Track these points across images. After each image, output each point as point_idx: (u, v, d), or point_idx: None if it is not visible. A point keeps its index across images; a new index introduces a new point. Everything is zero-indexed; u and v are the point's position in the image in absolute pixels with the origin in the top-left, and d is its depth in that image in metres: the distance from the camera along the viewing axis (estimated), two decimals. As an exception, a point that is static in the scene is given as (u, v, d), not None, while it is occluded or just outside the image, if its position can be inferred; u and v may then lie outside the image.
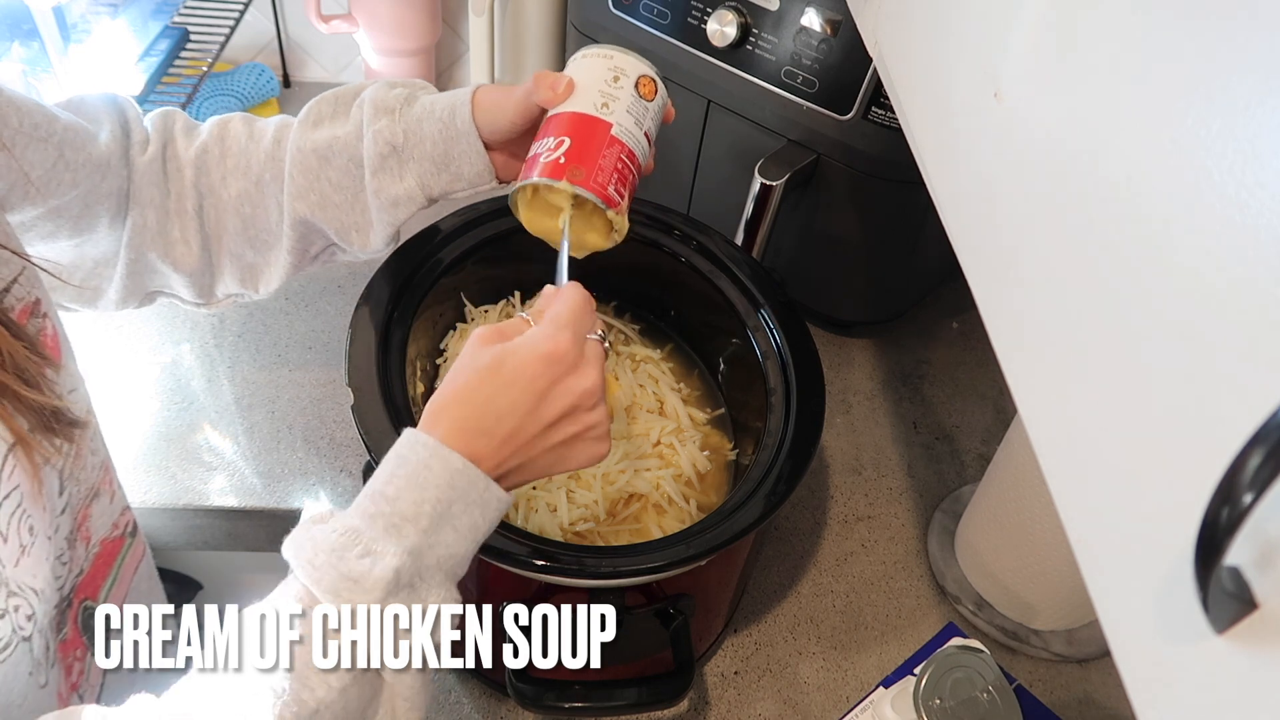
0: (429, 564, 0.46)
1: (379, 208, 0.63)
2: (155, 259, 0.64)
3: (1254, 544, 0.22)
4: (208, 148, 0.64)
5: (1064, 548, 0.68)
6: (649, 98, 0.61)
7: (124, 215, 0.62)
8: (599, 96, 0.59)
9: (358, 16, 1.12)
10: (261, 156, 0.64)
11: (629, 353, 0.81)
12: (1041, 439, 0.33)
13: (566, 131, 0.59)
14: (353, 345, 0.65)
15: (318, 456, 0.86)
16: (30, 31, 0.88)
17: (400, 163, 0.62)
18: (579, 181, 0.57)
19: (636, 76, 0.61)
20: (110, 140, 0.60)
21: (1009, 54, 0.39)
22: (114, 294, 0.64)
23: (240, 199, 0.64)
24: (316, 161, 0.62)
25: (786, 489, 0.62)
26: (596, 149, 0.58)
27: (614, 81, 0.60)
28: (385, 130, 0.61)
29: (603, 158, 0.58)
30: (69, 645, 0.53)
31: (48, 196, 0.56)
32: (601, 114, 0.59)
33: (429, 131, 0.62)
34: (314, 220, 0.64)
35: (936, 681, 0.61)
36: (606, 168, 0.59)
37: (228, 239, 0.65)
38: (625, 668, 0.71)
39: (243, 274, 0.67)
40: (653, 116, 0.62)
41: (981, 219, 0.41)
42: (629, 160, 0.60)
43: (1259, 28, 0.24)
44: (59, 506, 0.52)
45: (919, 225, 0.91)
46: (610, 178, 0.59)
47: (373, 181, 0.62)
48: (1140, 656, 0.27)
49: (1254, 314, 0.23)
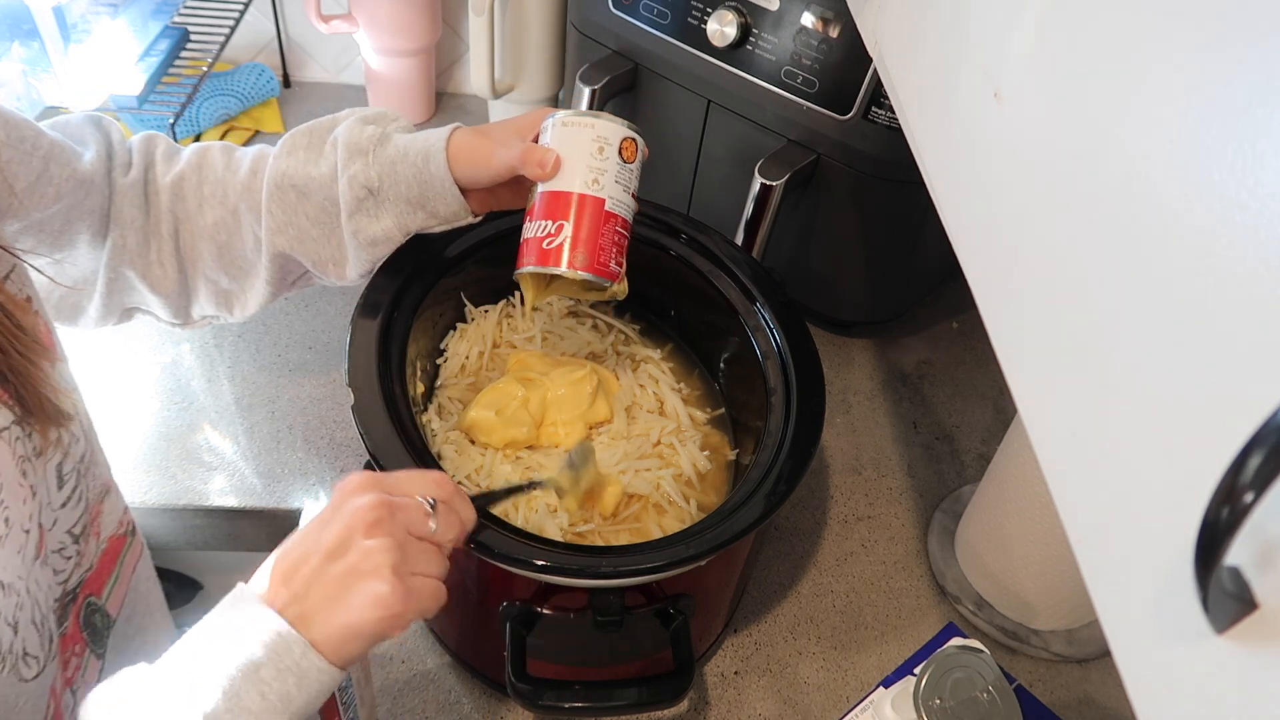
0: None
1: (357, 246, 0.64)
2: (134, 277, 0.65)
3: (1254, 544, 0.22)
4: (185, 175, 0.65)
5: (1064, 548, 0.68)
6: (631, 160, 0.64)
7: (104, 235, 0.63)
8: (588, 172, 0.62)
9: (358, 16, 1.12)
10: (238, 186, 0.65)
11: (629, 353, 0.81)
12: (1041, 439, 0.33)
13: (564, 216, 0.62)
14: (353, 345, 0.65)
15: (318, 456, 0.86)
16: (30, 31, 0.88)
17: (377, 204, 0.63)
18: (584, 267, 0.62)
19: (619, 143, 0.63)
20: (95, 160, 0.61)
21: (1009, 54, 0.39)
22: (94, 311, 0.65)
23: (216, 227, 0.65)
24: (295, 197, 0.63)
25: (786, 489, 0.62)
26: (596, 229, 0.62)
27: (599, 153, 0.62)
28: (360, 175, 0.62)
29: (602, 236, 0.62)
30: (68, 640, 0.53)
31: (30, 209, 0.56)
32: (593, 190, 0.62)
33: (403, 174, 0.63)
34: (292, 254, 0.65)
35: (936, 681, 0.61)
36: (607, 246, 0.62)
37: (202, 264, 0.66)
38: (625, 668, 0.71)
39: (218, 298, 0.68)
40: (636, 176, 0.65)
41: (981, 219, 0.41)
42: (624, 230, 0.64)
43: (1259, 28, 0.24)
44: (58, 500, 0.52)
45: (919, 225, 0.91)
46: (610, 254, 0.63)
47: (349, 223, 0.63)
48: (1140, 656, 0.27)
49: (1253, 314, 0.23)
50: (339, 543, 0.46)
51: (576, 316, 0.83)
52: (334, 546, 0.46)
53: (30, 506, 0.48)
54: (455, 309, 0.79)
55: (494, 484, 0.70)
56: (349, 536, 0.46)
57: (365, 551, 0.46)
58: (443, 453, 0.70)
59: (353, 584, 0.46)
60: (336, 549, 0.46)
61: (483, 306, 0.80)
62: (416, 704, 0.72)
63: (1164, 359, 0.27)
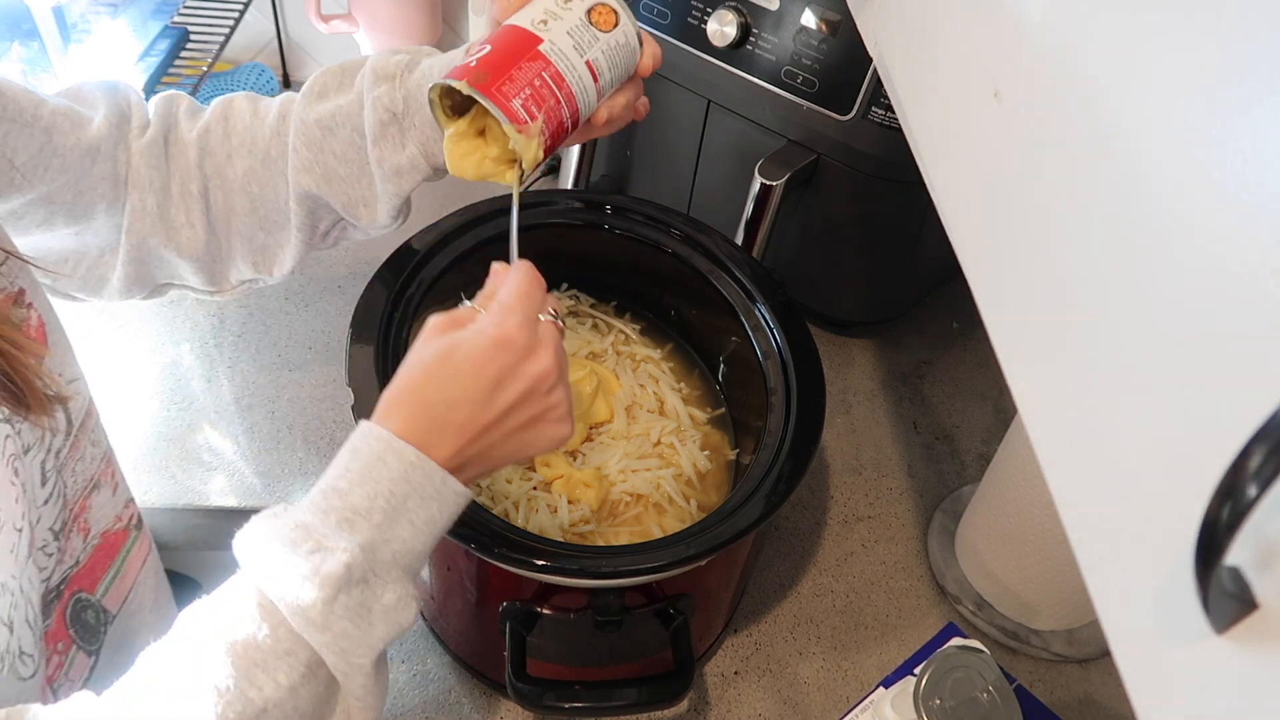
0: (383, 559, 0.45)
1: (382, 178, 0.62)
2: (157, 245, 0.62)
3: (1254, 544, 0.22)
4: (210, 128, 0.62)
5: (1064, 548, 0.68)
6: (603, 28, 0.56)
7: (120, 201, 0.60)
8: (541, 13, 0.55)
9: (358, 16, 1.12)
10: (267, 133, 0.62)
11: (629, 353, 0.81)
12: (1041, 439, 0.33)
13: (491, 40, 0.54)
14: (353, 345, 0.65)
15: (318, 456, 0.86)
16: (30, 31, 0.88)
17: (401, 130, 0.61)
18: (479, 85, 0.52)
19: (593, 2, 0.56)
20: (104, 124, 0.59)
21: (1009, 54, 0.39)
22: (116, 282, 0.63)
23: (247, 178, 0.63)
24: (320, 133, 0.61)
25: (787, 489, 0.62)
26: (514, 60, 0.53)
27: (565, 3, 0.56)
28: (384, 97, 0.60)
29: (519, 71, 0.53)
30: (52, 636, 0.53)
31: (35, 183, 0.55)
32: (535, 29, 0.55)
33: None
34: (320, 194, 0.62)
35: (936, 681, 0.61)
36: (520, 83, 0.53)
37: (237, 221, 0.64)
38: (625, 668, 0.71)
39: (255, 257, 0.65)
40: (604, 49, 0.56)
41: (981, 219, 0.41)
42: (554, 83, 0.54)
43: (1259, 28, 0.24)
44: (41, 497, 0.51)
45: (919, 225, 0.91)
46: (520, 91, 0.53)
47: (374, 150, 0.61)
48: (1140, 656, 0.27)
49: (1254, 313, 0.23)
50: (521, 399, 0.49)
51: (576, 316, 0.83)
52: (515, 403, 0.49)
53: (21, 505, 0.48)
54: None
55: (496, 489, 0.70)
56: (530, 394, 0.49)
57: (549, 405, 0.50)
58: (443, 453, 0.70)
59: (535, 432, 0.50)
60: (518, 405, 0.49)
61: (483, 306, 0.80)
62: (416, 704, 0.72)
63: (1164, 358, 0.27)
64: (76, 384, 0.56)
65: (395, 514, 0.45)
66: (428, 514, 0.46)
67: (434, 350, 0.49)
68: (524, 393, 0.49)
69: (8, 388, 0.46)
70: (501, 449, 0.50)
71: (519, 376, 0.48)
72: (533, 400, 0.49)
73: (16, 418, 0.48)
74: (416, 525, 0.46)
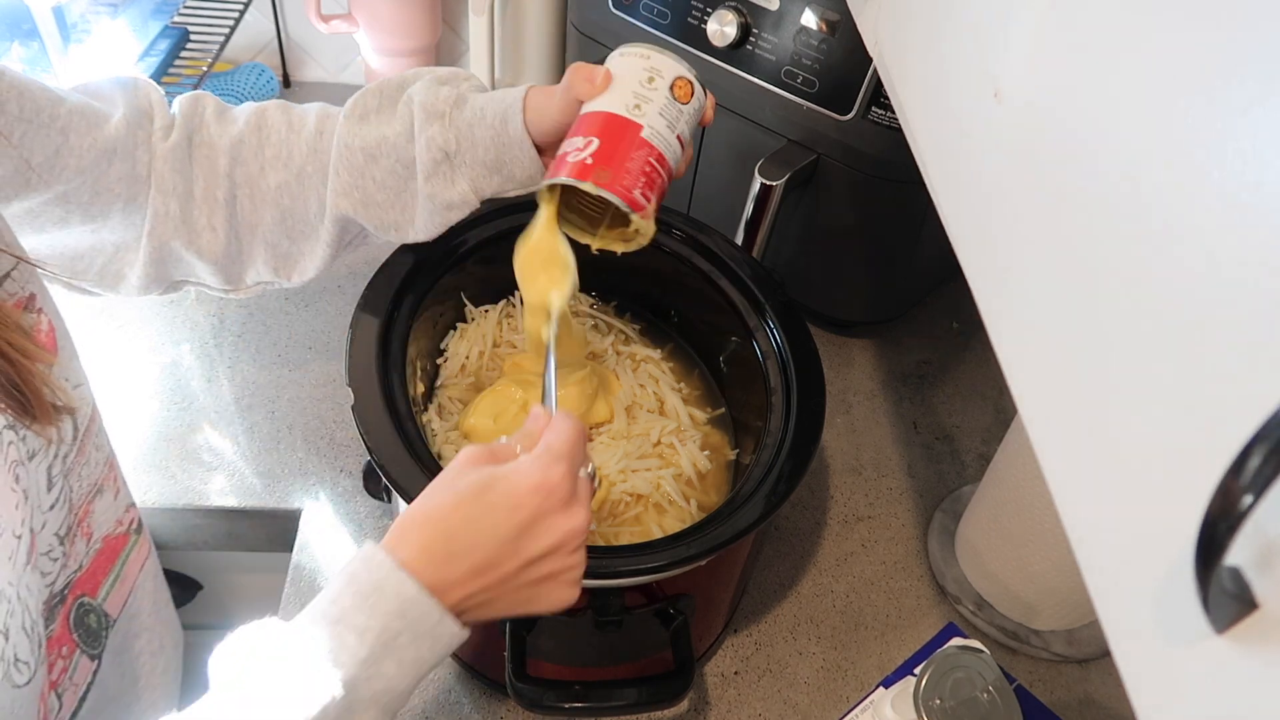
0: (363, 697, 0.42)
1: (432, 211, 0.63)
2: (179, 247, 0.62)
3: (1254, 544, 0.21)
4: (244, 138, 0.62)
5: (1064, 548, 0.68)
6: (684, 100, 0.60)
7: (139, 201, 0.60)
8: (632, 97, 0.59)
9: (358, 16, 1.12)
10: (304, 148, 0.62)
11: (629, 353, 0.81)
12: (1041, 439, 0.33)
13: (596, 132, 0.58)
14: (353, 345, 0.65)
15: (318, 456, 0.86)
16: (30, 31, 0.88)
17: (452, 168, 0.61)
18: (604, 184, 0.56)
19: (672, 78, 0.60)
20: (121, 124, 0.58)
21: (1009, 54, 0.39)
22: (135, 280, 0.63)
23: (280, 190, 0.63)
24: (363, 160, 0.61)
25: (787, 489, 0.62)
26: (624, 151, 0.57)
27: (649, 83, 0.59)
28: (438, 137, 0.60)
29: (630, 160, 0.57)
30: (55, 642, 0.53)
31: (51, 183, 0.55)
32: (633, 115, 0.58)
33: (481, 137, 0.61)
34: (355, 217, 0.63)
35: (936, 681, 0.61)
36: (634, 170, 0.58)
37: (263, 229, 0.64)
38: (625, 668, 0.71)
39: (277, 263, 0.66)
40: (687, 120, 0.61)
41: (982, 219, 0.41)
42: (658, 164, 0.59)
43: (1259, 28, 0.24)
44: (46, 503, 0.51)
45: (919, 225, 0.91)
46: (637, 180, 0.58)
47: (426, 186, 0.62)
48: (1140, 656, 0.27)
49: (1254, 313, 0.23)
50: (547, 551, 0.47)
51: (577, 317, 0.83)
52: (540, 554, 0.46)
53: (22, 511, 0.48)
54: (455, 309, 0.79)
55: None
56: (558, 549, 0.47)
57: (569, 565, 0.48)
58: (443, 453, 0.70)
59: (545, 589, 0.48)
60: (542, 557, 0.47)
61: (483, 306, 0.80)
62: (416, 704, 0.72)
63: (1164, 358, 0.27)
64: (81, 389, 0.56)
65: (384, 650, 0.42)
66: (417, 653, 0.43)
67: (470, 481, 0.46)
68: (553, 545, 0.46)
69: (14, 396, 0.46)
70: (507, 600, 0.47)
71: (552, 528, 0.46)
72: (557, 555, 0.47)
73: (22, 425, 0.48)
74: (404, 664, 0.43)
